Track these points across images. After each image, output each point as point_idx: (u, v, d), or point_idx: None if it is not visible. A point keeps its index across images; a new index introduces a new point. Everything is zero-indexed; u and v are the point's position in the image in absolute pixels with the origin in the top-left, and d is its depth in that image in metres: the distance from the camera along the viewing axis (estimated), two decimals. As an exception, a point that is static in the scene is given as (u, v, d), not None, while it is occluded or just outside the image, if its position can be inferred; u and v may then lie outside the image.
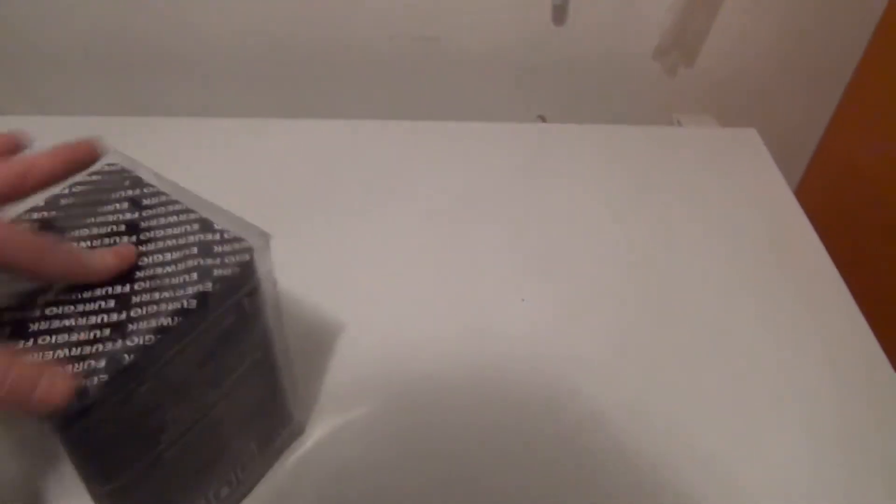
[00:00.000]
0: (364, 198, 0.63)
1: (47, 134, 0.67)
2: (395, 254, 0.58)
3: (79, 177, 0.36)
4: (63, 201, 0.34)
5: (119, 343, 0.28)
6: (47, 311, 0.29)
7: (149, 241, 0.33)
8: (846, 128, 0.83)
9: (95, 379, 0.27)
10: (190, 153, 0.64)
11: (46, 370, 0.26)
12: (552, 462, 0.45)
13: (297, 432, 0.44)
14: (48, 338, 0.28)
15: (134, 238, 0.33)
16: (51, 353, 0.28)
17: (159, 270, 0.31)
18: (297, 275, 0.42)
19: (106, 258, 0.31)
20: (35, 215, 0.34)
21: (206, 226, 0.34)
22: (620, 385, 0.50)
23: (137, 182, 0.36)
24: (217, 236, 0.33)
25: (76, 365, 0.27)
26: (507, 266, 0.58)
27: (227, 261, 0.32)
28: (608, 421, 0.47)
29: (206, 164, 0.63)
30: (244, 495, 0.41)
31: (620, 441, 0.46)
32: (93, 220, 0.34)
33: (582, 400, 0.48)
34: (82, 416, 0.27)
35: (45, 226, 0.33)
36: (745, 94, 0.83)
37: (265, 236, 0.33)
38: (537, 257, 0.59)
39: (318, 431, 0.45)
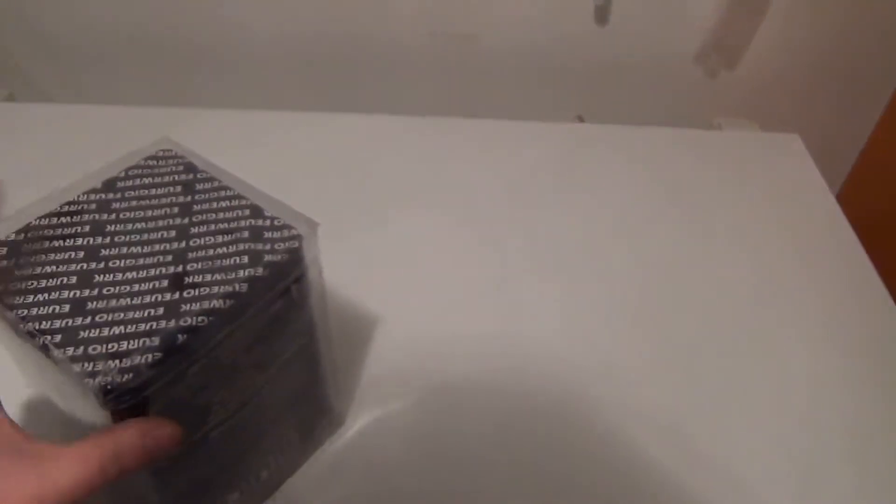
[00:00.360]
0: (399, 193, 0.63)
1: (92, 122, 0.68)
2: (430, 249, 0.58)
3: (134, 161, 0.36)
4: (119, 184, 0.35)
5: (172, 322, 0.29)
6: (105, 290, 0.30)
7: (201, 223, 0.33)
8: (890, 134, 0.81)
9: (149, 357, 0.27)
10: (229, 144, 0.65)
11: (144, 427, 0.27)
12: (582, 463, 0.45)
13: (337, 423, 0.44)
14: (105, 315, 0.29)
15: (186, 220, 0.33)
16: (107, 329, 0.28)
17: (211, 252, 0.32)
18: (334, 268, 0.42)
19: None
20: (93, 196, 0.34)
21: (256, 212, 0.34)
22: (652, 391, 0.49)
23: (190, 167, 0.37)
24: (267, 222, 0.34)
25: (131, 342, 0.28)
26: (541, 264, 0.57)
27: (276, 247, 0.32)
28: (638, 425, 0.47)
29: (245, 155, 0.63)
30: (282, 481, 0.41)
31: (650, 447, 0.46)
32: (147, 202, 0.34)
33: (611, 402, 0.48)
34: (134, 394, 0.27)
35: (102, 207, 0.34)
36: (787, 98, 0.82)
37: (313, 224, 0.34)
38: (571, 257, 0.58)
39: (357, 423, 0.45)
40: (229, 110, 0.70)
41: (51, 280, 0.30)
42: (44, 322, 0.28)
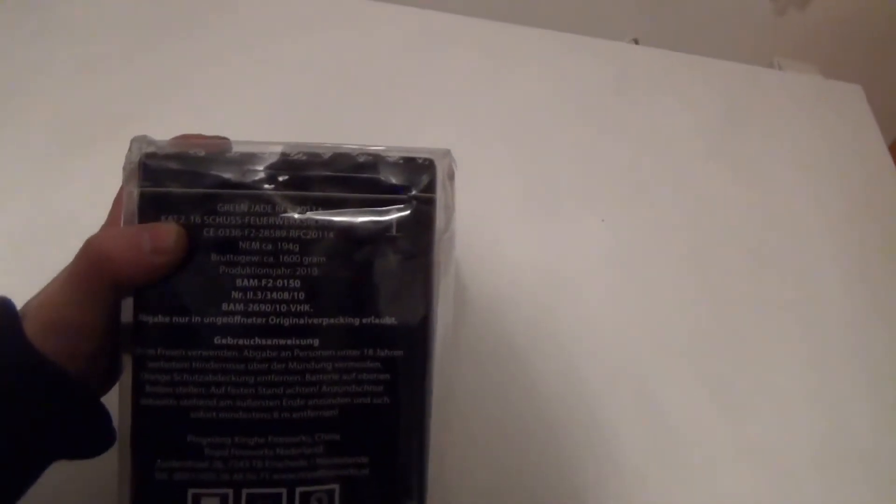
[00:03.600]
0: (438, 101, 0.58)
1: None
2: (470, 163, 0.55)
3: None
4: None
5: None
6: None
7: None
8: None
9: None
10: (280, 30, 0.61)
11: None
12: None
13: None
14: None
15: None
16: None
17: None
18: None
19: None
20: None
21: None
22: (687, 324, 0.48)
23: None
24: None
25: None
26: (583, 189, 0.55)
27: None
28: (668, 356, 0.46)
29: (296, 43, 0.60)
30: None
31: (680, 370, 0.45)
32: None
33: (649, 336, 0.47)
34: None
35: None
36: (850, 47, 0.78)
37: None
38: (614, 183, 0.56)
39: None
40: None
41: None
42: None
